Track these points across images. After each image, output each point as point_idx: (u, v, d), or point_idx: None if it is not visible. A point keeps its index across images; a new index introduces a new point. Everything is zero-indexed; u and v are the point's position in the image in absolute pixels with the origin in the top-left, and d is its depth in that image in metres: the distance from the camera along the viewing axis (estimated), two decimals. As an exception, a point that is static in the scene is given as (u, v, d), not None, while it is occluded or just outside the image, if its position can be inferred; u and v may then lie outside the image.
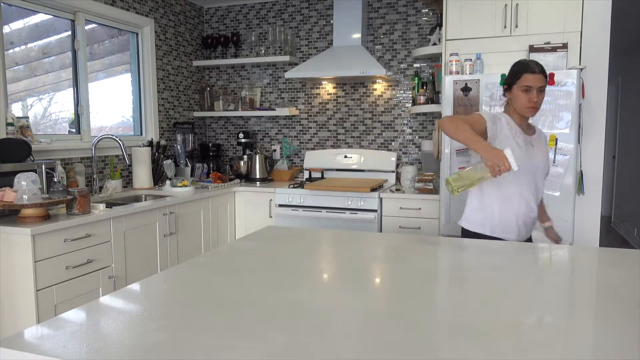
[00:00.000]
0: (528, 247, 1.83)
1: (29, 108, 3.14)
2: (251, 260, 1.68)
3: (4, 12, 2.81)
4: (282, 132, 4.39)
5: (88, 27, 3.39)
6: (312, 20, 4.20)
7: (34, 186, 2.30)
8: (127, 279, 2.76)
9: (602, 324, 1.11)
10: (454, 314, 1.17)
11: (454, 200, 3.02)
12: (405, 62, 3.97)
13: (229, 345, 0.98)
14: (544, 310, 1.19)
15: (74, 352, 0.95)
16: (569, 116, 2.77)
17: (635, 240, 5.68)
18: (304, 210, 3.57)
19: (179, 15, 4.21)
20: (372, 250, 1.82)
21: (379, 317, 1.15)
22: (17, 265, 2.24)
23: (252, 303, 1.22)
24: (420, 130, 3.97)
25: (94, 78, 3.49)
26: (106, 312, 1.16)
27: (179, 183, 3.49)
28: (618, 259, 1.65)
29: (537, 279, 1.46)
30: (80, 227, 2.44)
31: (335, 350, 0.96)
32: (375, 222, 3.39)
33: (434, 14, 3.83)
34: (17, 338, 1.01)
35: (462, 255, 1.76)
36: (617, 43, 5.60)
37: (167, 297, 1.31)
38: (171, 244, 3.14)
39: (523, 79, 2.00)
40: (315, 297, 1.28)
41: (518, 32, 3.06)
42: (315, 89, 4.25)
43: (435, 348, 0.99)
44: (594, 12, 2.93)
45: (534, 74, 1.99)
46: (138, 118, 3.93)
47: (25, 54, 3.06)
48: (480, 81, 2.91)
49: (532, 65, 2.01)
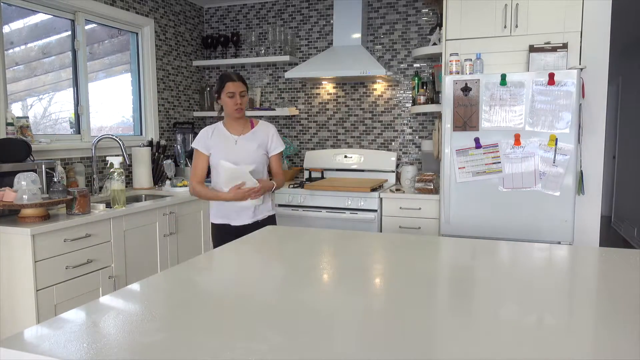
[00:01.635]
0: (528, 247, 1.83)
1: (29, 108, 3.14)
2: (251, 260, 1.68)
3: (4, 12, 2.81)
4: (282, 132, 4.39)
5: (88, 27, 3.39)
6: (312, 20, 4.20)
7: (34, 186, 2.30)
8: (127, 279, 2.76)
9: (602, 324, 1.11)
10: (453, 314, 1.17)
11: (454, 201, 3.02)
12: (405, 62, 3.97)
13: (228, 345, 0.98)
14: (544, 310, 1.19)
15: (74, 352, 0.95)
16: (569, 116, 2.77)
17: (635, 240, 5.68)
18: (304, 210, 3.57)
19: (179, 15, 4.21)
20: (372, 250, 1.82)
21: (379, 317, 1.15)
22: (17, 265, 2.24)
23: (252, 303, 1.22)
24: (420, 130, 3.97)
25: (94, 78, 3.49)
26: (106, 312, 1.16)
27: (179, 183, 3.49)
28: (618, 259, 1.65)
29: (537, 279, 1.46)
30: (80, 227, 2.44)
31: (335, 350, 0.96)
32: (375, 222, 3.39)
33: (434, 14, 3.83)
34: (17, 338, 1.01)
35: (462, 255, 1.76)
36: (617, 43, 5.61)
37: (167, 297, 1.31)
38: (171, 244, 3.14)
39: (226, 87, 2.41)
40: (315, 297, 1.28)
41: (518, 32, 3.06)
42: (315, 89, 4.25)
43: (435, 348, 0.99)
44: (594, 12, 2.93)
45: (234, 82, 2.40)
46: (138, 118, 3.93)
47: (25, 54, 3.06)
48: (480, 81, 2.91)
49: (232, 75, 2.43)
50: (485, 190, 2.95)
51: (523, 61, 3.06)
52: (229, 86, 2.39)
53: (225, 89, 2.40)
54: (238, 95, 2.40)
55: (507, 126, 2.88)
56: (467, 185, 2.99)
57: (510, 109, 2.87)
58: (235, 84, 2.40)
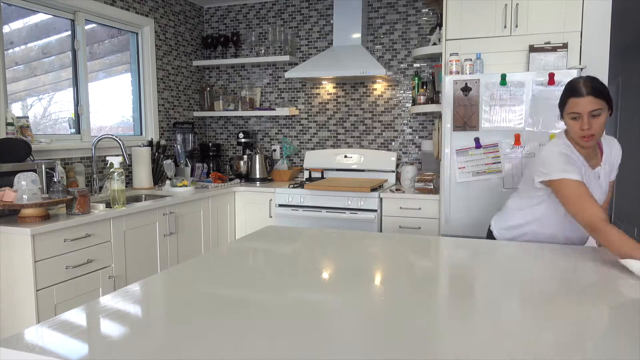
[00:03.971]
0: (528, 247, 1.83)
1: (29, 108, 3.14)
2: (251, 260, 1.68)
3: (4, 11, 2.81)
4: (282, 132, 4.39)
5: (88, 27, 3.39)
6: (312, 20, 4.20)
7: (33, 186, 2.30)
8: (127, 279, 2.76)
9: (602, 324, 1.11)
10: (453, 314, 1.17)
11: (454, 201, 3.02)
12: (405, 62, 3.97)
13: (228, 345, 0.98)
14: (543, 310, 1.19)
15: (74, 352, 0.95)
16: (569, 116, 2.77)
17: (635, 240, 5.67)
18: (304, 210, 3.57)
19: (178, 15, 4.21)
20: (372, 250, 1.82)
21: (379, 317, 1.15)
22: (17, 265, 2.24)
23: (252, 303, 1.22)
24: (420, 130, 3.97)
25: (94, 78, 3.49)
26: (106, 312, 1.16)
27: (179, 183, 3.49)
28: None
29: (537, 279, 1.46)
30: (80, 227, 2.44)
31: (335, 350, 0.96)
32: (375, 222, 3.38)
33: (434, 14, 3.83)
34: (17, 338, 1.01)
35: (462, 255, 1.76)
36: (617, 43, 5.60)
37: (167, 297, 1.31)
38: (171, 244, 3.14)
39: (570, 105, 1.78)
40: (315, 297, 1.28)
41: (518, 32, 3.06)
42: (315, 89, 4.25)
43: (435, 348, 0.99)
44: (594, 12, 2.93)
45: (580, 96, 1.74)
46: (138, 118, 3.93)
47: (25, 54, 3.06)
48: (480, 81, 2.91)
49: (580, 86, 1.76)
50: (485, 190, 2.95)
51: (523, 61, 3.06)
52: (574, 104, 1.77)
53: (568, 107, 1.80)
54: (587, 117, 1.75)
55: (507, 126, 2.88)
56: (467, 185, 2.99)
57: (510, 109, 2.87)
58: (584, 101, 1.75)
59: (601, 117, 1.74)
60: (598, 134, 1.76)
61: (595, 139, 1.77)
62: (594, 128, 1.74)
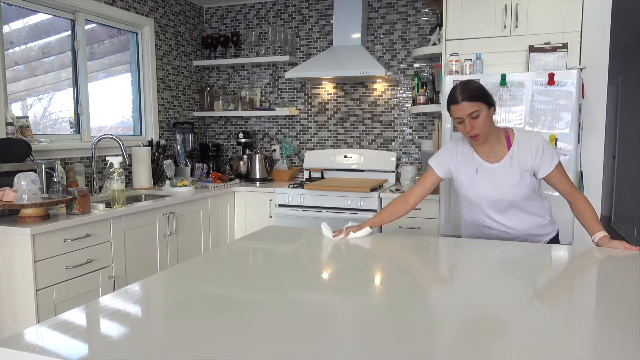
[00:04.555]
0: (528, 247, 1.83)
1: (29, 108, 3.14)
2: (251, 260, 1.68)
3: (4, 11, 2.81)
4: (282, 132, 4.39)
5: (88, 27, 3.39)
6: (312, 20, 4.20)
7: (33, 186, 2.30)
8: (127, 279, 2.76)
9: (602, 324, 1.11)
10: (454, 314, 1.17)
11: (454, 201, 3.02)
12: (405, 62, 3.97)
13: (228, 345, 0.98)
14: (544, 310, 1.19)
15: (74, 352, 0.95)
16: (569, 116, 2.77)
17: (635, 240, 5.68)
18: (303, 210, 3.57)
19: (178, 15, 4.21)
20: (372, 250, 1.82)
21: (379, 317, 1.15)
22: (17, 265, 2.24)
23: (252, 303, 1.22)
24: (420, 130, 3.97)
25: (93, 78, 3.49)
26: (106, 312, 1.16)
27: (178, 183, 3.49)
28: (618, 259, 1.65)
29: (537, 279, 1.46)
30: (80, 227, 2.44)
31: (335, 350, 0.96)
32: (375, 222, 3.38)
33: (434, 14, 3.83)
34: (17, 338, 1.01)
35: (461, 255, 1.76)
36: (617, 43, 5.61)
37: (167, 297, 1.31)
38: (171, 244, 3.14)
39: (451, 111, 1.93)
40: (315, 296, 1.28)
41: (518, 32, 3.06)
42: (315, 89, 4.25)
43: (435, 348, 0.99)
44: (594, 12, 2.93)
45: (457, 103, 1.88)
46: (138, 118, 3.93)
47: (25, 54, 3.06)
48: (480, 81, 2.90)
49: (456, 94, 1.89)
50: (485, 190, 2.95)
51: (523, 61, 3.06)
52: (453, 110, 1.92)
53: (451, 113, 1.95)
54: (467, 120, 1.89)
55: (507, 126, 2.88)
56: (467, 185, 2.98)
57: (510, 109, 2.86)
58: (461, 107, 1.89)
59: (481, 117, 1.88)
60: (483, 132, 1.90)
61: (483, 136, 1.92)
62: (477, 128, 1.89)
